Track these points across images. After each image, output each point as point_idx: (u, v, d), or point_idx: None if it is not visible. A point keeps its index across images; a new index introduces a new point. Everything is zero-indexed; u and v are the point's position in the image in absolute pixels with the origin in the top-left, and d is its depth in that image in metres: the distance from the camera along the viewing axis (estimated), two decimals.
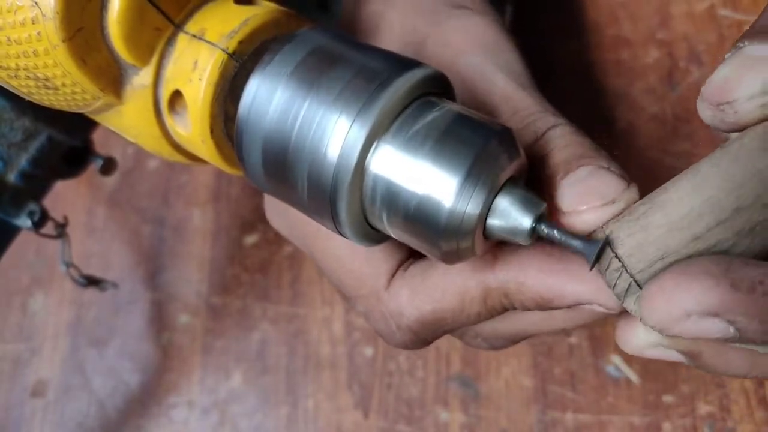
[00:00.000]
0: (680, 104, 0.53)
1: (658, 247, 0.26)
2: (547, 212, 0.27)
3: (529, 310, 0.31)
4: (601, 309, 0.29)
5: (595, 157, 0.29)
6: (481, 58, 0.34)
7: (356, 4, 0.40)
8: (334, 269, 0.35)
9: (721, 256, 0.25)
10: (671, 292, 0.24)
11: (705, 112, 0.26)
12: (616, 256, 0.26)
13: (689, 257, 0.25)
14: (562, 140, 0.30)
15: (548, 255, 0.29)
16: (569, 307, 0.30)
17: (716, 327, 0.24)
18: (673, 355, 0.29)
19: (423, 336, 0.34)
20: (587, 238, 0.26)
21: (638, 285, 0.26)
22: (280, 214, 0.38)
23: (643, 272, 0.26)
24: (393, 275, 0.33)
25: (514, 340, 0.36)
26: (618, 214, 0.27)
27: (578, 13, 0.57)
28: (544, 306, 0.30)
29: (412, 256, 0.34)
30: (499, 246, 0.30)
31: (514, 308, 0.31)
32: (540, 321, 0.34)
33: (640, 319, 0.26)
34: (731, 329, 0.24)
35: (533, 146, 0.31)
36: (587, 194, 0.28)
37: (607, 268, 0.27)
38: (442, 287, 0.32)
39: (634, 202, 0.27)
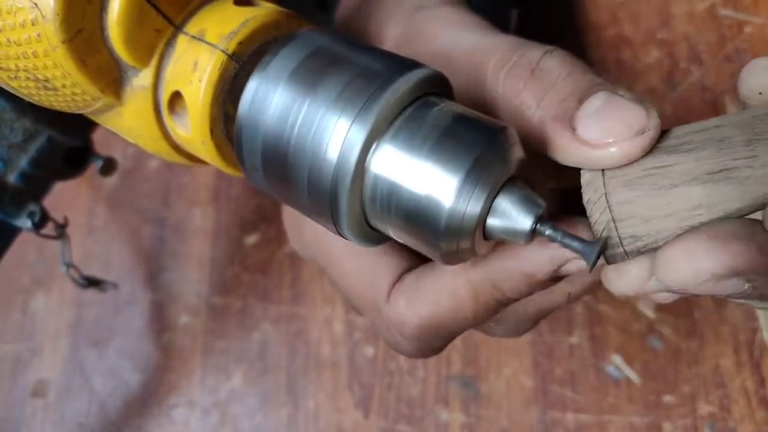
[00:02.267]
0: (681, 104, 0.53)
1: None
2: (547, 213, 0.27)
3: (522, 294, 0.31)
4: (581, 264, 0.29)
5: (602, 82, 0.29)
6: (452, 34, 0.34)
7: (344, 27, 0.40)
8: (344, 288, 0.36)
9: (746, 220, 0.25)
10: (700, 255, 0.25)
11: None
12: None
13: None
14: (562, 67, 0.30)
15: None
16: (555, 275, 0.29)
17: (733, 285, 0.25)
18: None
19: (429, 342, 0.34)
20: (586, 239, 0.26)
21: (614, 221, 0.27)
22: (295, 237, 0.39)
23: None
24: (392, 287, 0.34)
25: (526, 320, 0.36)
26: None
27: (579, 12, 0.57)
28: (532, 283, 0.30)
29: (410, 268, 0.34)
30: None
31: (509, 300, 0.31)
32: (541, 294, 0.33)
33: (654, 277, 0.26)
34: (746, 286, 0.25)
35: (533, 78, 0.30)
36: (612, 124, 0.27)
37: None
38: (434, 291, 0.32)
39: (660, 126, 0.27)
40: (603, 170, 0.28)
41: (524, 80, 0.30)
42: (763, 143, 0.26)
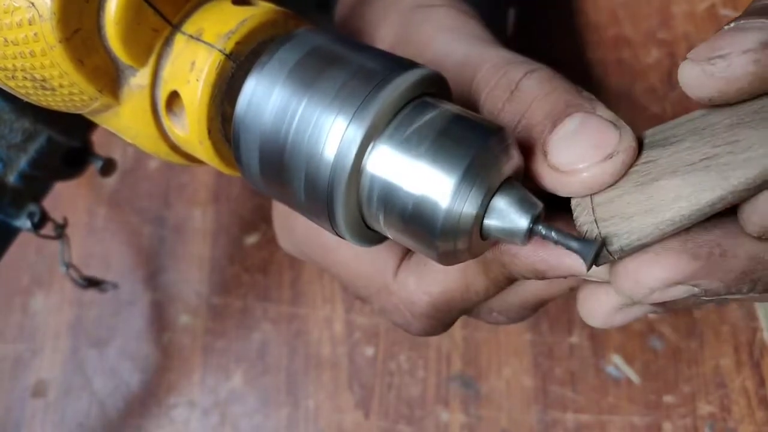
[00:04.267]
0: (681, 104, 0.53)
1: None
2: (544, 212, 0.27)
3: (528, 279, 0.31)
4: (593, 279, 0.29)
5: (580, 103, 0.28)
6: (445, 42, 0.34)
7: (343, 26, 0.40)
8: (345, 276, 0.36)
9: (684, 232, 0.26)
10: (637, 273, 0.26)
11: (690, 71, 0.25)
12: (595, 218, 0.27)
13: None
14: (541, 88, 0.29)
15: None
16: (565, 277, 0.30)
17: (682, 291, 0.26)
18: (642, 311, 0.30)
19: (440, 320, 0.34)
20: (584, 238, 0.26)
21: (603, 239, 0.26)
22: (286, 236, 0.39)
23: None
24: (398, 267, 0.34)
25: (527, 308, 0.36)
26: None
27: (579, 12, 0.57)
28: (540, 277, 0.30)
29: None
30: None
31: (516, 278, 0.31)
32: (545, 287, 0.34)
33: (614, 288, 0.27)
34: (696, 290, 0.26)
35: (511, 100, 0.29)
36: (583, 148, 0.27)
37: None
38: (444, 269, 0.32)
39: (633, 149, 0.27)
40: None
41: (503, 101, 0.29)
42: (746, 126, 0.25)
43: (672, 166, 0.26)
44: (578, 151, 0.27)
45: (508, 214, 0.26)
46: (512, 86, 0.29)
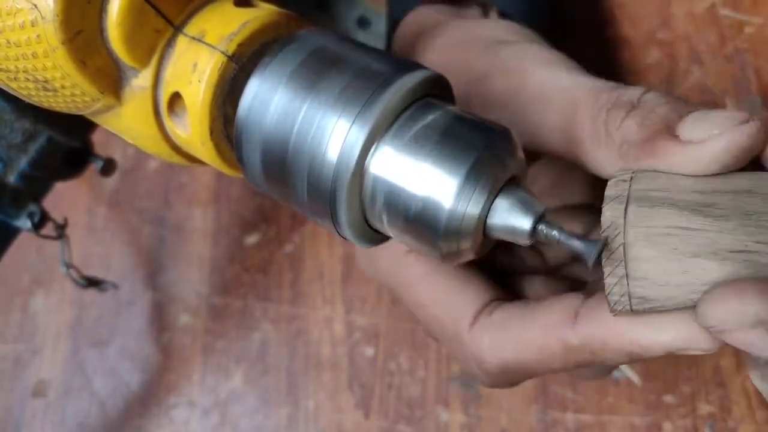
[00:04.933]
0: None
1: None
2: (547, 212, 0.27)
3: (620, 363, 0.31)
4: (698, 352, 0.28)
5: (697, 108, 0.29)
6: (547, 71, 0.34)
7: (408, 56, 0.40)
8: (421, 317, 0.36)
9: None
10: (749, 297, 0.25)
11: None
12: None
13: None
14: (662, 98, 0.30)
15: None
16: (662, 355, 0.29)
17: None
18: None
19: (507, 380, 0.34)
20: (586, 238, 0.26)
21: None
22: (368, 262, 0.39)
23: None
24: (475, 318, 0.34)
25: (604, 373, 0.37)
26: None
27: (578, 12, 0.57)
28: (635, 360, 0.30)
29: (495, 299, 0.34)
30: (581, 300, 0.31)
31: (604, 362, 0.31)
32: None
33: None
34: None
35: (632, 112, 0.30)
36: (714, 122, 0.27)
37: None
38: (523, 340, 0.32)
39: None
40: (625, 214, 0.27)
41: (627, 111, 0.30)
42: None
43: (712, 246, 0.26)
44: (710, 123, 0.27)
45: (511, 214, 0.26)
46: (634, 101, 0.30)
